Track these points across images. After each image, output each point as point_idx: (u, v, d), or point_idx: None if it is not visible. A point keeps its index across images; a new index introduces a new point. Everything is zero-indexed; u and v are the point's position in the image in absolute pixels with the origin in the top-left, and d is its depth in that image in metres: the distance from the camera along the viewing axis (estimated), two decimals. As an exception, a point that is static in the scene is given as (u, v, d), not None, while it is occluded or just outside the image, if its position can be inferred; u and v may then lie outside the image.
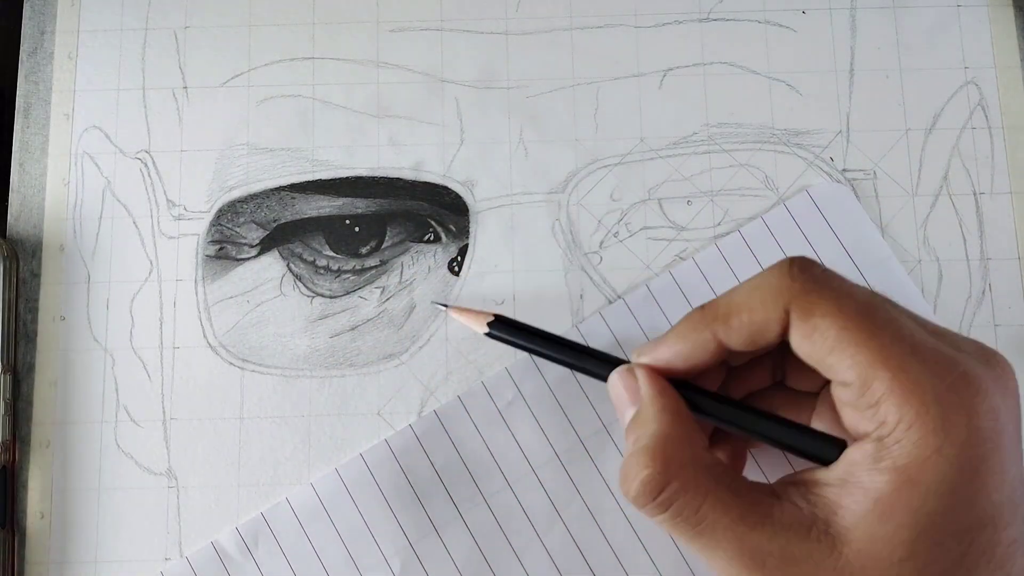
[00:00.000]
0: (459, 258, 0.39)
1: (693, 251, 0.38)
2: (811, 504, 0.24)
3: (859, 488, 0.23)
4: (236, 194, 0.39)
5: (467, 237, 0.39)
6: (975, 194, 0.39)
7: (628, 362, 0.30)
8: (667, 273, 0.38)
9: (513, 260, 0.39)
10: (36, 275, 0.39)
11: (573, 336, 0.37)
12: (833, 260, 0.37)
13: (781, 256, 0.37)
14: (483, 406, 0.36)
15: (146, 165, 0.40)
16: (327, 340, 0.38)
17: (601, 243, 0.39)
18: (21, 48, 0.41)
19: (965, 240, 0.39)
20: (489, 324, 0.34)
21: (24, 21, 0.41)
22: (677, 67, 0.40)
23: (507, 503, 0.35)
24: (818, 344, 0.24)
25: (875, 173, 0.39)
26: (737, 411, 0.27)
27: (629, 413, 0.28)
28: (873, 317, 0.24)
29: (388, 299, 0.38)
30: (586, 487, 0.35)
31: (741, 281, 0.37)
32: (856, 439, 0.25)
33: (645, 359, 0.28)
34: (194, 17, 0.41)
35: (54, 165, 0.40)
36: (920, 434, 0.22)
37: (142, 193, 0.40)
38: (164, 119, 0.40)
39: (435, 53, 0.40)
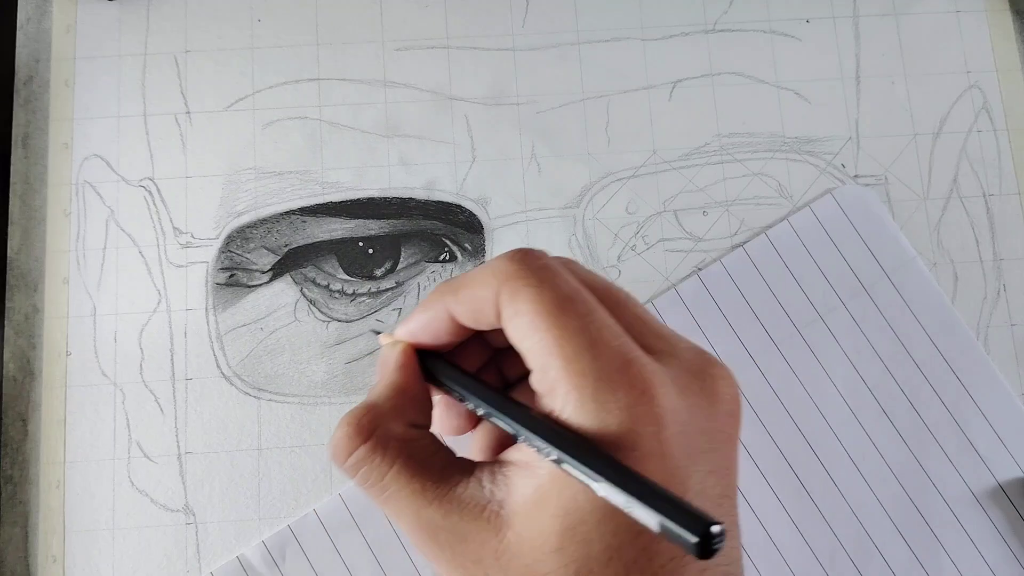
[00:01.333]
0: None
1: (711, 262, 0.38)
2: (495, 484, 0.25)
3: (531, 474, 0.24)
4: (245, 219, 0.39)
5: (483, 255, 0.38)
6: (985, 196, 0.39)
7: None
8: (695, 276, 0.38)
9: (531, 277, 0.38)
10: (39, 310, 0.38)
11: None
12: (858, 262, 0.37)
13: (808, 259, 0.38)
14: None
15: (150, 193, 0.39)
16: (345, 365, 0.37)
17: (619, 256, 0.38)
18: (16, 77, 0.39)
19: (978, 242, 0.39)
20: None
21: (18, 49, 0.40)
22: (686, 78, 0.40)
23: None
24: (516, 329, 0.24)
25: (886, 178, 0.39)
26: (472, 384, 0.27)
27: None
28: (565, 309, 0.24)
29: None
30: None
31: (770, 284, 0.37)
32: None
33: (398, 330, 0.29)
34: (194, 41, 0.40)
35: (54, 196, 0.39)
36: (576, 427, 0.23)
37: (147, 222, 0.39)
38: (167, 145, 0.39)
39: (443, 71, 0.40)
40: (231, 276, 0.38)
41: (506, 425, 0.25)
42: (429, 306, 0.27)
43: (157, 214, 0.39)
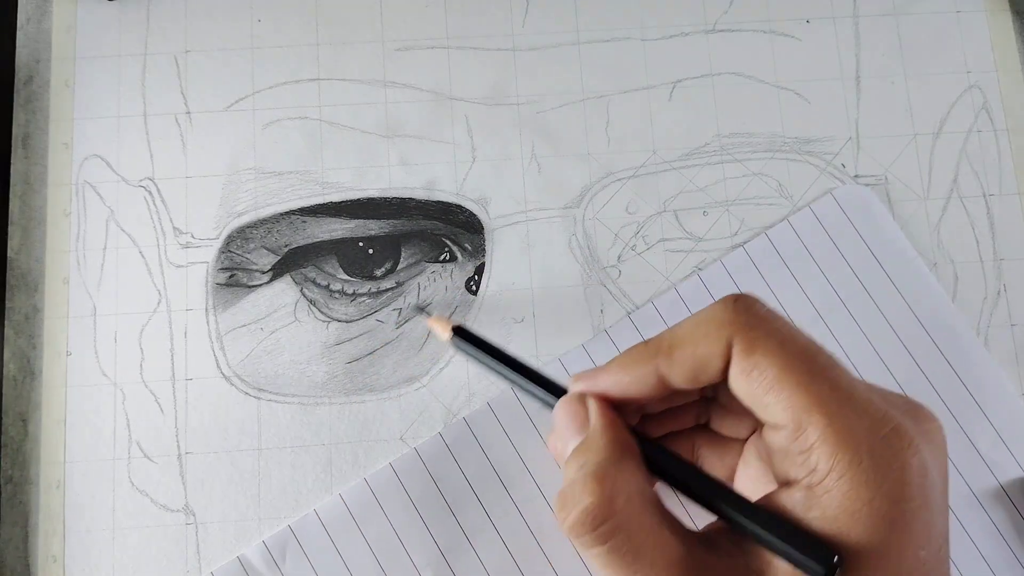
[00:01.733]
0: (476, 277, 0.38)
1: (712, 262, 0.38)
2: (745, 553, 0.24)
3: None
4: (245, 219, 0.39)
5: (483, 255, 0.38)
6: (985, 196, 0.39)
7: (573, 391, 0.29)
8: (695, 276, 0.38)
9: (531, 277, 0.38)
10: (39, 310, 0.38)
11: (602, 340, 0.37)
12: (859, 262, 0.37)
13: (808, 258, 0.37)
14: (513, 412, 0.36)
15: (150, 193, 0.39)
16: (345, 365, 0.37)
17: (619, 257, 0.38)
18: (16, 77, 0.39)
19: (978, 242, 0.39)
20: (453, 331, 0.32)
21: (18, 49, 0.40)
22: (686, 78, 0.40)
23: (539, 510, 0.35)
24: (756, 382, 0.23)
25: (887, 178, 0.39)
26: (684, 470, 0.26)
27: (573, 443, 0.26)
28: (813, 362, 0.23)
29: (406, 321, 0.38)
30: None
31: (770, 284, 0.37)
32: (785, 485, 0.24)
33: (582, 385, 0.27)
34: (194, 41, 0.40)
35: (54, 196, 0.39)
36: (851, 485, 0.22)
37: (147, 222, 0.39)
38: (167, 145, 0.39)
39: (443, 71, 0.40)
40: (231, 276, 0.38)
41: (736, 518, 0.24)
42: (630, 366, 0.26)
43: (157, 214, 0.39)
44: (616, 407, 0.26)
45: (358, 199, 0.39)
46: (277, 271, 0.38)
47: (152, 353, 0.37)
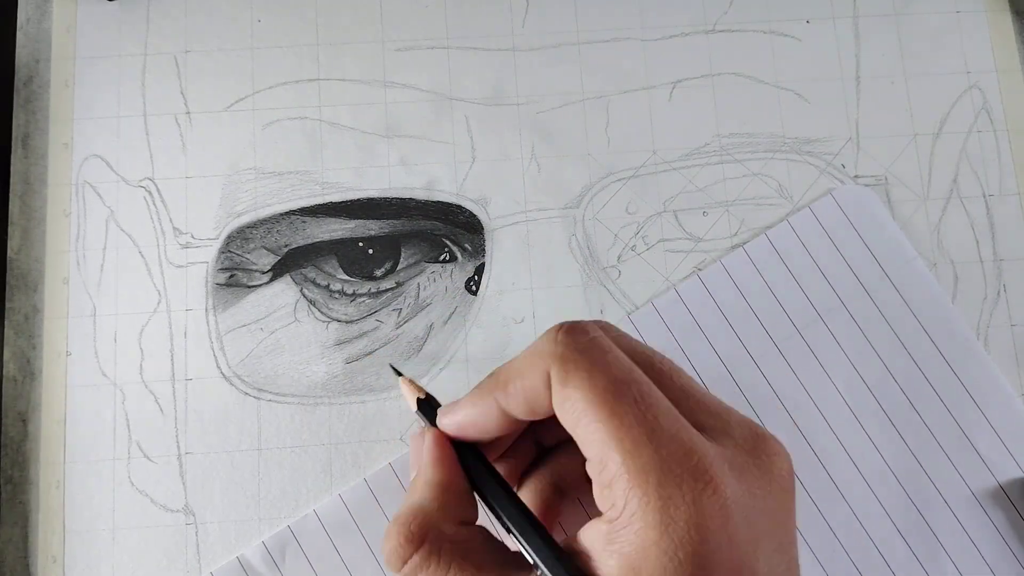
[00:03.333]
0: (476, 277, 0.38)
1: (711, 262, 0.38)
2: None
3: (594, 567, 0.23)
4: (245, 220, 0.39)
5: (483, 255, 0.38)
6: (985, 196, 0.39)
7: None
8: (695, 277, 0.38)
9: (531, 277, 0.38)
10: (39, 310, 0.38)
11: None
12: (859, 262, 0.37)
13: (808, 259, 0.37)
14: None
15: (150, 193, 0.39)
16: (344, 365, 0.37)
17: (619, 257, 0.38)
18: (16, 77, 0.39)
19: (978, 242, 0.39)
20: (418, 401, 0.32)
21: (18, 49, 0.40)
22: (686, 79, 0.40)
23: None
24: (569, 414, 0.24)
25: (886, 178, 0.39)
26: (497, 495, 0.26)
27: (412, 475, 0.28)
28: (620, 395, 0.23)
29: (405, 321, 0.38)
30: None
31: (770, 284, 0.37)
32: (597, 518, 0.24)
33: (443, 421, 0.28)
34: (194, 41, 0.40)
35: (54, 196, 0.39)
36: (641, 524, 0.22)
37: (147, 222, 0.39)
38: (167, 145, 0.39)
39: (443, 71, 0.40)
40: (231, 276, 0.38)
41: (529, 555, 0.24)
42: (476, 401, 0.26)
43: (157, 214, 0.39)
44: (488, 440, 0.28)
45: (358, 199, 0.39)
46: (277, 271, 0.38)
47: (152, 353, 0.37)
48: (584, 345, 0.24)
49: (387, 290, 0.38)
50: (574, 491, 0.29)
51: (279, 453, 0.36)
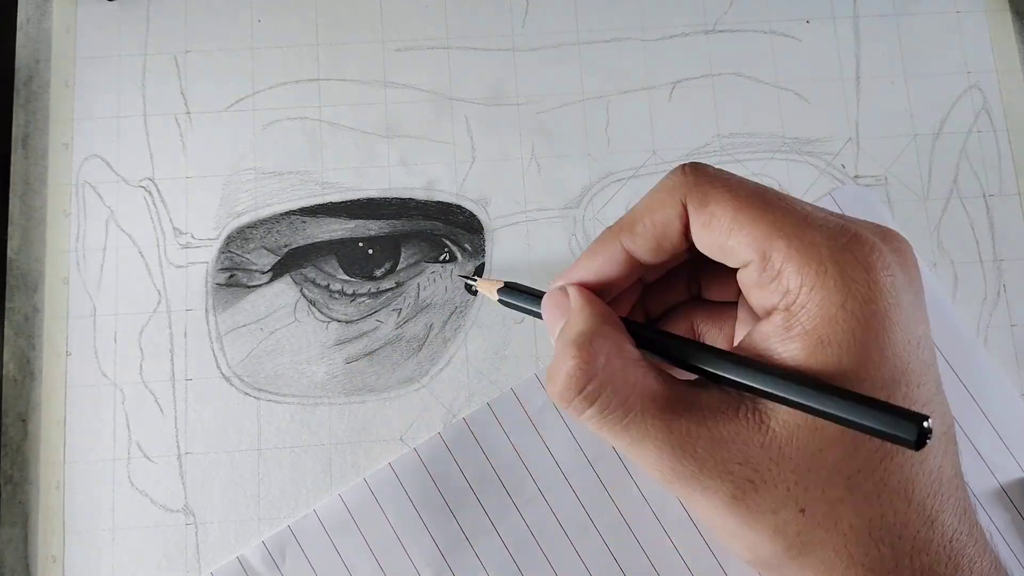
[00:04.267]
0: (476, 277, 0.38)
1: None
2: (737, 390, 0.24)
3: (777, 360, 0.23)
4: (245, 220, 0.39)
5: (483, 255, 0.38)
6: (985, 196, 0.39)
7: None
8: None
9: (531, 277, 0.38)
10: (39, 310, 0.38)
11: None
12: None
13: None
14: (513, 413, 0.36)
15: (150, 193, 0.39)
16: (344, 366, 0.37)
17: (619, 257, 0.38)
18: (16, 77, 0.39)
19: (978, 242, 0.39)
20: (499, 291, 0.32)
21: (18, 49, 0.40)
22: (686, 79, 0.40)
23: (540, 511, 0.35)
24: (716, 231, 0.24)
25: (886, 179, 0.39)
26: (654, 337, 0.26)
27: (559, 326, 0.27)
28: (764, 197, 0.24)
29: (405, 321, 0.38)
30: (620, 494, 0.35)
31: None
32: (766, 316, 0.24)
33: (560, 281, 0.28)
34: (194, 42, 0.40)
35: (54, 196, 0.39)
36: (823, 293, 0.23)
37: (147, 222, 0.39)
38: (167, 146, 0.39)
39: (443, 71, 0.40)
40: (231, 276, 0.38)
41: (706, 367, 0.24)
42: (597, 250, 0.27)
43: (157, 214, 0.39)
44: (602, 294, 0.27)
45: (358, 199, 0.39)
46: (277, 271, 0.38)
47: (152, 353, 0.37)
48: (715, 172, 0.25)
49: (387, 290, 0.38)
50: (712, 334, 0.30)
51: (279, 453, 0.36)
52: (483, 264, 0.38)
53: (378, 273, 0.38)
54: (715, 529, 0.25)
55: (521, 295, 0.31)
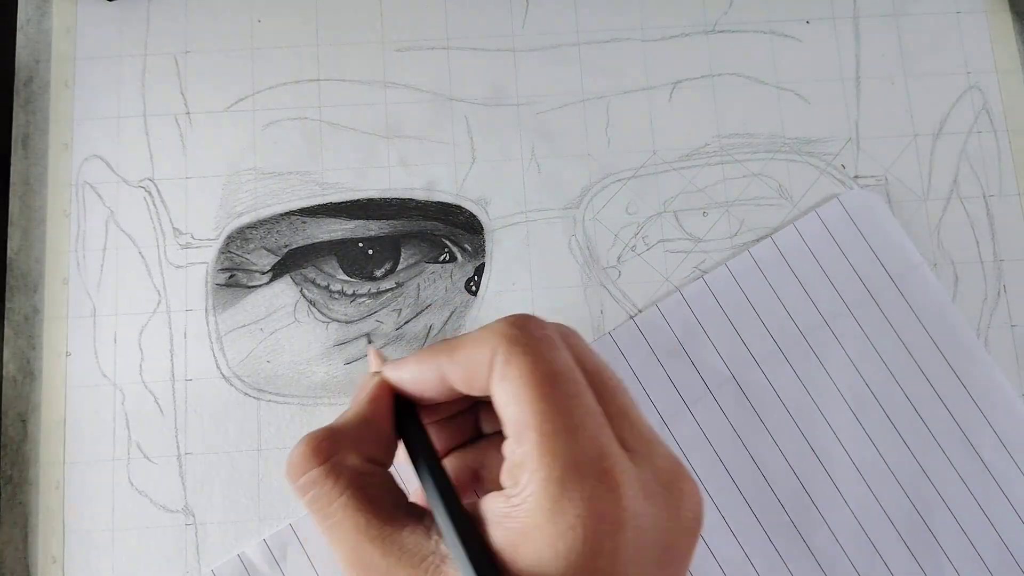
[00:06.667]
0: (476, 277, 0.38)
1: (712, 263, 0.38)
2: (443, 537, 0.24)
3: (488, 535, 0.23)
4: (245, 220, 0.38)
5: (483, 256, 0.38)
6: (985, 197, 0.39)
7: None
8: (701, 280, 0.38)
9: (531, 277, 0.38)
10: (39, 311, 0.38)
11: (605, 343, 0.37)
12: (864, 268, 0.38)
13: (814, 264, 0.38)
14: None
15: (150, 193, 0.39)
16: (344, 366, 0.37)
17: (619, 257, 0.38)
18: (16, 77, 0.39)
19: (978, 243, 0.39)
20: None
21: (18, 50, 0.40)
22: (686, 79, 0.40)
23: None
24: (503, 394, 0.24)
25: (886, 179, 0.39)
26: (415, 451, 0.27)
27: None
28: (555, 387, 0.23)
29: (406, 322, 0.38)
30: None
31: (775, 288, 0.37)
32: (499, 491, 0.25)
33: (387, 371, 0.28)
34: (194, 42, 0.40)
35: (54, 196, 0.39)
36: (533, 505, 0.22)
37: (147, 222, 0.39)
38: (167, 146, 0.39)
39: (443, 72, 0.40)
40: (231, 277, 0.38)
41: (430, 499, 0.25)
42: (422, 361, 0.27)
43: (157, 215, 0.39)
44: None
45: (358, 200, 0.39)
46: (277, 272, 0.38)
47: (152, 353, 0.37)
48: (536, 336, 0.25)
49: (387, 290, 0.38)
50: (490, 485, 0.29)
51: (279, 453, 0.36)
52: (483, 264, 0.38)
53: (378, 273, 0.38)
54: None
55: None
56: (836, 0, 0.41)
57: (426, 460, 0.26)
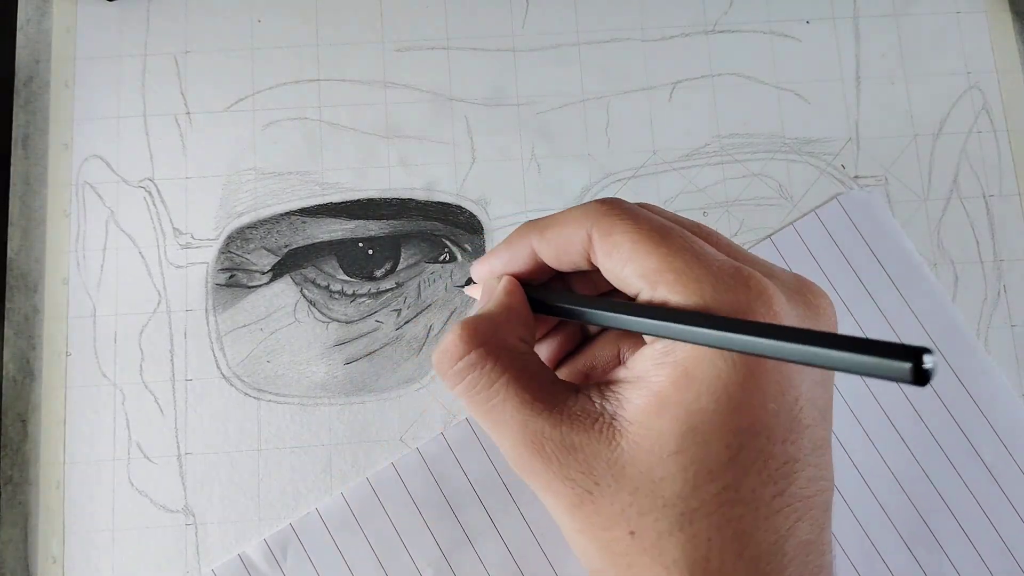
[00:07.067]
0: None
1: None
2: (604, 399, 0.25)
3: (646, 384, 0.24)
4: (245, 220, 0.39)
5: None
6: (985, 197, 0.39)
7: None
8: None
9: (531, 278, 0.38)
10: (39, 311, 0.38)
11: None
12: (864, 269, 0.38)
13: (813, 264, 0.38)
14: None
15: (150, 193, 0.39)
16: (344, 366, 0.37)
17: (619, 257, 0.38)
18: (16, 77, 0.39)
19: (978, 242, 0.39)
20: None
21: (18, 50, 0.40)
22: (686, 79, 0.40)
23: (542, 512, 0.35)
24: (615, 259, 0.24)
25: (886, 179, 0.39)
26: (593, 301, 0.27)
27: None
28: (664, 233, 0.24)
29: (406, 322, 0.38)
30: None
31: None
32: (651, 342, 0.25)
33: (478, 268, 0.29)
34: (194, 42, 0.40)
35: (54, 196, 0.39)
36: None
37: (147, 222, 0.39)
38: (167, 146, 0.39)
39: (443, 72, 0.40)
40: (231, 277, 0.38)
41: (644, 327, 0.24)
42: (513, 244, 0.28)
43: (157, 215, 0.39)
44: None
45: (358, 200, 0.39)
46: (277, 272, 0.38)
47: (152, 354, 0.37)
48: (627, 206, 0.25)
49: (387, 290, 0.38)
50: (603, 378, 0.30)
51: (279, 454, 0.36)
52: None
53: (378, 273, 0.38)
54: (560, 527, 0.26)
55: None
56: (836, 0, 0.41)
57: (575, 296, 0.27)
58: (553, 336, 0.30)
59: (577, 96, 0.40)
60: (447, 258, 0.38)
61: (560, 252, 0.26)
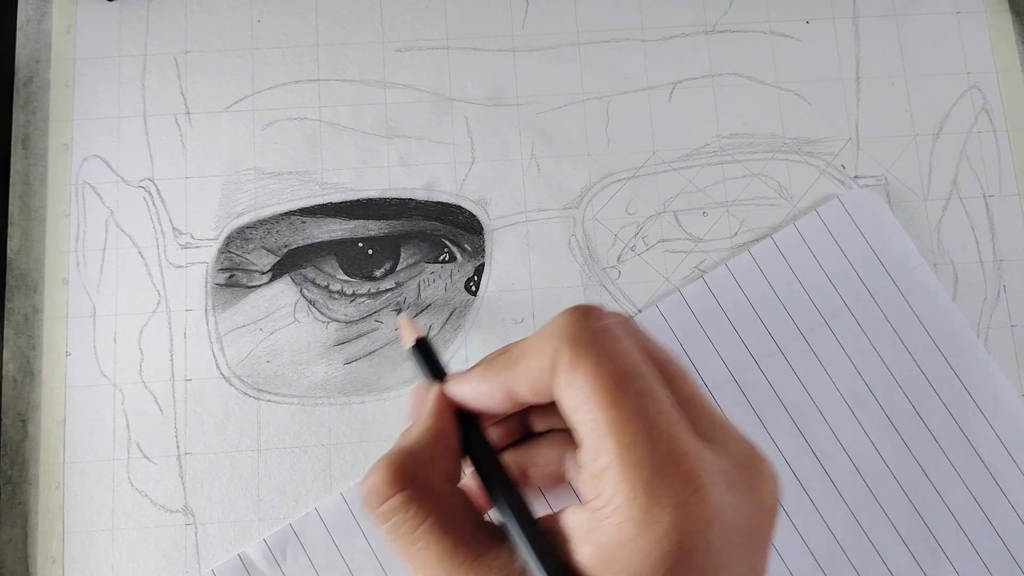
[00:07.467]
0: (476, 277, 0.38)
1: (712, 263, 0.38)
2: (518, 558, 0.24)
3: (573, 553, 0.23)
4: (244, 220, 0.38)
5: (483, 256, 0.38)
6: (984, 197, 0.39)
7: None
8: (700, 280, 0.38)
9: (531, 277, 0.38)
10: (39, 310, 0.38)
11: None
12: (864, 268, 0.37)
13: (814, 263, 0.37)
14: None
15: (150, 193, 0.39)
16: (344, 366, 0.37)
17: (619, 257, 0.38)
18: (16, 77, 0.39)
19: (978, 243, 0.39)
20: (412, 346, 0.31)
21: (18, 50, 0.40)
22: (686, 79, 0.40)
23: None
24: (571, 399, 0.23)
25: (886, 179, 0.39)
26: (487, 471, 0.26)
27: (409, 424, 0.28)
28: (624, 387, 0.23)
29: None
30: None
31: (775, 288, 0.37)
32: (579, 505, 0.24)
33: (450, 389, 0.28)
34: (194, 42, 0.40)
35: (54, 196, 0.39)
36: (623, 518, 0.22)
37: (147, 222, 0.39)
38: (167, 146, 0.39)
39: (443, 72, 0.40)
40: (231, 277, 0.38)
41: (509, 526, 0.24)
42: (486, 378, 0.26)
43: (157, 215, 0.39)
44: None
45: (358, 199, 0.39)
46: (276, 272, 0.38)
47: (151, 354, 0.37)
48: (598, 330, 0.24)
49: (387, 290, 0.38)
50: (539, 483, 0.29)
51: (279, 453, 0.36)
52: (483, 264, 0.38)
53: (378, 273, 0.38)
54: None
55: (425, 358, 0.30)
56: (836, 0, 0.41)
57: (498, 479, 0.26)
58: (502, 423, 0.29)
59: (577, 96, 0.40)
60: (447, 258, 0.38)
61: (535, 386, 0.25)
